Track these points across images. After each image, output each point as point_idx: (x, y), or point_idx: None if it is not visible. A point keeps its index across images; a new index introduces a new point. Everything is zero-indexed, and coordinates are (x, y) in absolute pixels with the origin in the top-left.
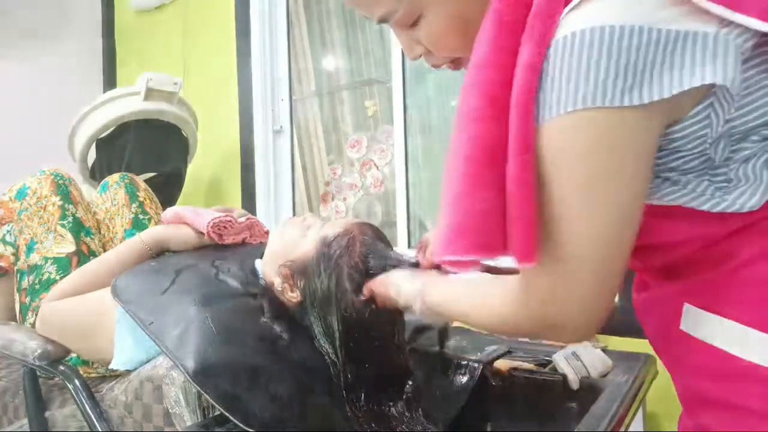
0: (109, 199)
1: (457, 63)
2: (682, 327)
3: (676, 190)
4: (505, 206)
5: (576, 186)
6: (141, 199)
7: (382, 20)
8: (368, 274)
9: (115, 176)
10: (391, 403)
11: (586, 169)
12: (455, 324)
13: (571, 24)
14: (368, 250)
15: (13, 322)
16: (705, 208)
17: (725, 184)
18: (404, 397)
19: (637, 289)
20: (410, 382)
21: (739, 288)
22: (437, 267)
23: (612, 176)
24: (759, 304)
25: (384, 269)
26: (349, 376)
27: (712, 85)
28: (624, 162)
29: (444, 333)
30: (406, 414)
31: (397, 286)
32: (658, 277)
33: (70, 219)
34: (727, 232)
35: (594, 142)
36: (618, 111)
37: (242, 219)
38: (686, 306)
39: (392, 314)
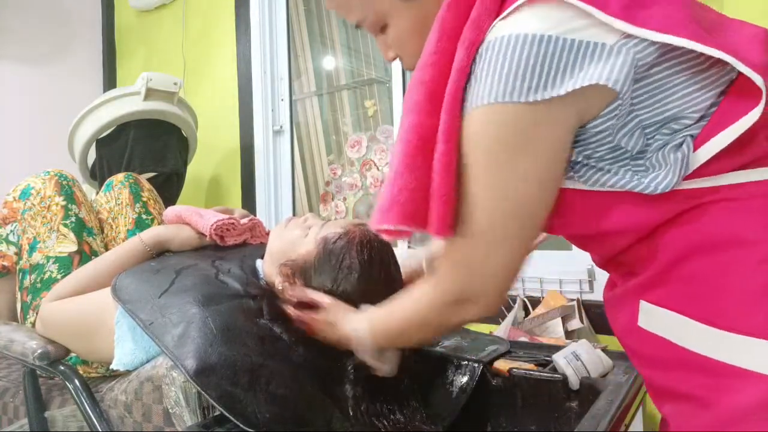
0: (113, 198)
1: None
2: (640, 323)
3: (609, 177)
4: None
5: (484, 167)
6: (145, 199)
7: (358, 26)
8: (365, 276)
9: (120, 176)
10: (391, 404)
11: (492, 153)
12: None
13: (496, 31)
14: (368, 252)
15: (14, 322)
16: (628, 188)
17: (643, 171)
18: (404, 397)
19: (607, 288)
20: (410, 383)
21: (679, 283)
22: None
23: (515, 161)
24: (697, 298)
25: (381, 272)
26: (347, 376)
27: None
28: (526, 150)
29: None
30: (406, 414)
31: (340, 328)
32: (621, 275)
33: (73, 219)
34: (660, 221)
35: (501, 131)
36: (524, 106)
37: (245, 220)
38: (642, 302)
39: None
